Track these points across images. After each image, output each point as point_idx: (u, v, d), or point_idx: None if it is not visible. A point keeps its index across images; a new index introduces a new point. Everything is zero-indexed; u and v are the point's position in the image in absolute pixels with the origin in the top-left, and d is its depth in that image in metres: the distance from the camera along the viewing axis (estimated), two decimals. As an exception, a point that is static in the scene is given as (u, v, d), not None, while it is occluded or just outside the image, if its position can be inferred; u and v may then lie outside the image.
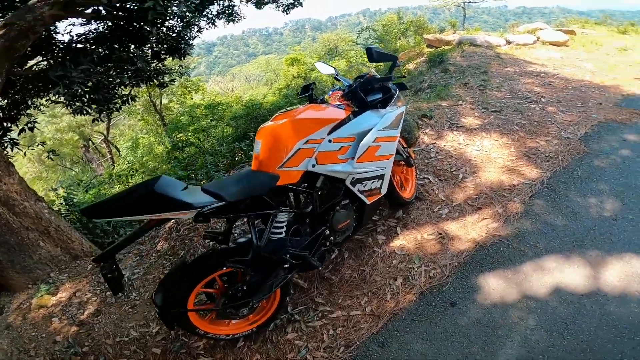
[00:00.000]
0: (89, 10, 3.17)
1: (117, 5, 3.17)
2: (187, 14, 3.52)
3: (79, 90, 3.15)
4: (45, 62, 3.50)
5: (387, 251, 2.22)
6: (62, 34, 3.47)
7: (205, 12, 4.41)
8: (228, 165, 4.91)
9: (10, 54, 2.50)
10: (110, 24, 3.50)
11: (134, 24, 3.40)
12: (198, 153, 6.50)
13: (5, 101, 3.64)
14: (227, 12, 4.64)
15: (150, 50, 3.89)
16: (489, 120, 3.31)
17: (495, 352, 1.57)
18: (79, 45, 3.53)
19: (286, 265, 1.72)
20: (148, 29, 3.29)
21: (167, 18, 3.45)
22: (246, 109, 6.73)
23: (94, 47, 3.48)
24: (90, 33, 3.58)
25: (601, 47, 6.46)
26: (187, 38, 4.04)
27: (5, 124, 3.72)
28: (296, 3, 5.06)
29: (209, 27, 4.57)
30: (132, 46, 3.68)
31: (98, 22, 3.52)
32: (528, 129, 3.13)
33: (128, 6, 3.23)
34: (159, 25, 3.60)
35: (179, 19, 3.77)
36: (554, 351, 1.54)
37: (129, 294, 2.33)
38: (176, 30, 3.93)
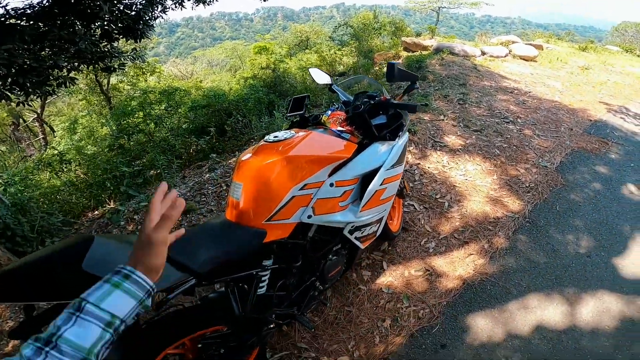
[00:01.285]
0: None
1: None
2: (151, -10, 2.95)
3: (0, 72, 2.52)
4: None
5: (374, 289, 2.05)
6: (-1, 8, 2.70)
7: (174, -10, 3.75)
8: (184, 163, 4.40)
9: None
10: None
11: (83, -2, 2.76)
12: (148, 142, 5.80)
13: None
14: (200, -8, 4.01)
15: (99, 29, 3.22)
16: (471, 140, 3.25)
17: None
18: (12, 21, 2.82)
19: (272, 326, 1.43)
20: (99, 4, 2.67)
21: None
22: (207, 99, 6.07)
23: (29, 23, 2.79)
24: (29, 8, 2.86)
25: (566, 65, 6.85)
26: (147, 18, 3.39)
27: None
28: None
29: (176, 7, 3.92)
30: (78, 23, 3.01)
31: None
32: (508, 154, 3.12)
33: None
34: (114, 1, 2.97)
35: (140, -4, 3.15)
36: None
37: None
38: (135, 9, 3.28)
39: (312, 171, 1.30)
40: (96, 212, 3.08)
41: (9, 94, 2.90)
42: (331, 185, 1.37)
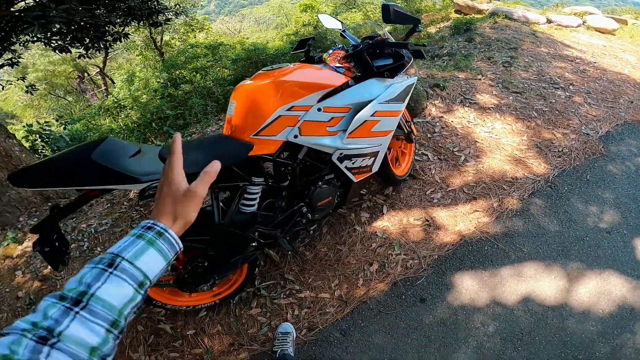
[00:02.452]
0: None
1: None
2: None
3: (61, 29, 2.90)
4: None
5: (369, 232, 2.05)
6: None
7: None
8: (219, 108, 4.62)
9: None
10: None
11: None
12: (193, 91, 6.17)
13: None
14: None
15: None
16: (506, 101, 2.96)
17: (448, 356, 1.55)
18: None
19: (254, 244, 1.53)
20: None
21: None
22: (247, 53, 6.24)
23: None
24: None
25: None
26: None
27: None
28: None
29: None
30: None
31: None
32: (547, 117, 2.81)
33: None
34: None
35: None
36: (501, 360, 1.50)
37: (93, 249, 2.16)
38: None
39: (300, 95, 1.39)
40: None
41: (70, 47, 3.33)
42: (319, 110, 1.44)
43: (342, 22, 1.91)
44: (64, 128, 5.03)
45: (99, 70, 14.90)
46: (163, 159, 1.14)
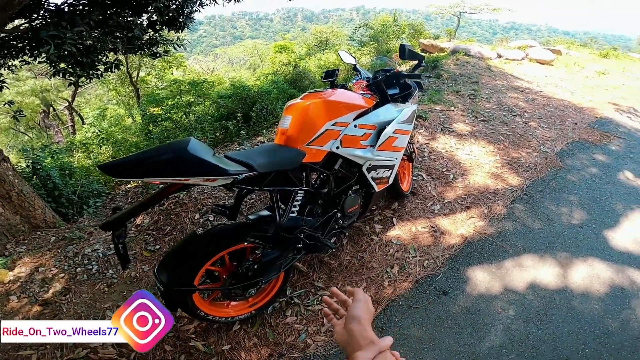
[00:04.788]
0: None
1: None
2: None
3: (69, 52, 3.00)
4: (26, 25, 3.26)
5: (384, 240, 2.33)
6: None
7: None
8: (211, 145, 4.80)
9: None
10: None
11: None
12: (174, 129, 6.28)
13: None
14: (235, -11, 4.46)
15: (146, 20, 3.72)
16: (478, 128, 3.54)
17: (482, 338, 1.73)
18: (70, 9, 3.32)
19: (299, 245, 1.71)
20: None
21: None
22: (233, 89, 6.59)
23: (88, 10, 3.29)
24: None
25: (583, 69, 6.98)
26: (188, 11, 3.89)
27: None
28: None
29: (211, 3, 4.38)
30: (129, 13, 3.51)
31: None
32: (512, 140, 3.40)
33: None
34: (162, -5, 3.45)
35: (181, -9, 3.62)
36: (531, 340, 1.73)
37: (104, 272, 2.18)
38: (175, 3, 3.77)
39: (342, 113, 1.73)
40: (128, 185, 3.41)
41: (72, 71, 3.38)
42: (355, 126, 1.79)
43: (355, 58, 2.34)
44: (52, 157, 4.91)
45: (67, 104, 14.41)
46: (233, 159, 1.34)
